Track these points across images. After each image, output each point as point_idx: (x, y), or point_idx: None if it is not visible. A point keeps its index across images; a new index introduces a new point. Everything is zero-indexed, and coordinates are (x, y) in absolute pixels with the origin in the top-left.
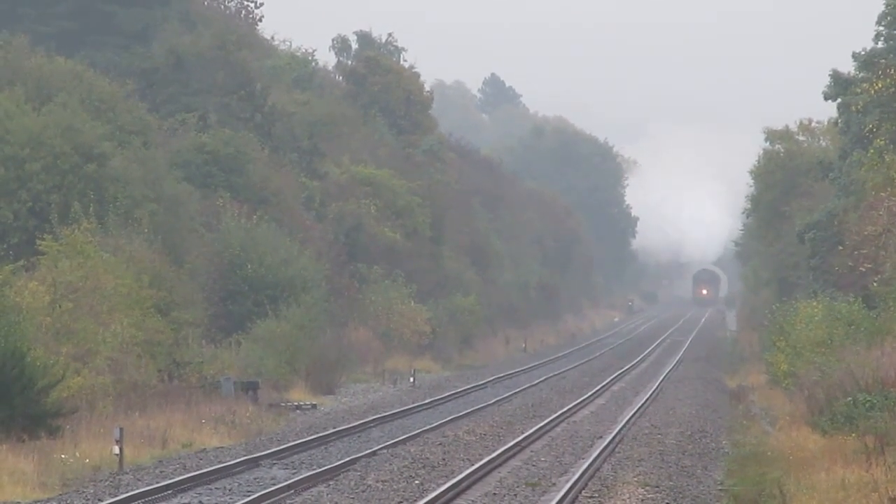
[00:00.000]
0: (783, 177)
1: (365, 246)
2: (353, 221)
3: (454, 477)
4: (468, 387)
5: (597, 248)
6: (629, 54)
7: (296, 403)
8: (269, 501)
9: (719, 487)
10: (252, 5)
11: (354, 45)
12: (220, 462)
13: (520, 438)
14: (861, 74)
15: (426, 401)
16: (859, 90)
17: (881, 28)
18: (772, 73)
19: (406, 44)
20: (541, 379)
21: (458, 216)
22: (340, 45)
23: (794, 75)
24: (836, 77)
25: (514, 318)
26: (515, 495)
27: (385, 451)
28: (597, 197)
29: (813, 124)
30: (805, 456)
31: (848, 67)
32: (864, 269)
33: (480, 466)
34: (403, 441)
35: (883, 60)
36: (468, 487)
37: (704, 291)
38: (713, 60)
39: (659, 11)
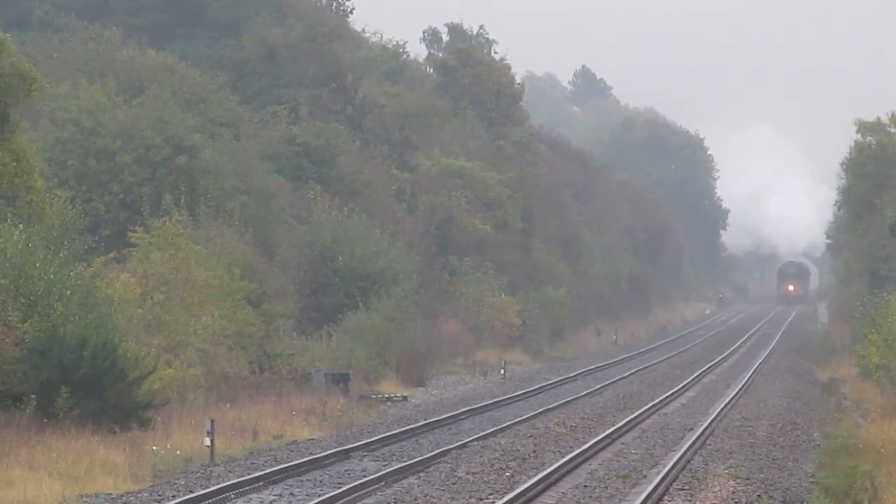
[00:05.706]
0: (875, 169)
1: (456, 238)
2: (443, 213)
3: (545, 469)
4: (559, 379)
5: (687, 240)
6: (714, 43)
7: (386, 395)
8: (359, 493)
9: (810, 480)
10: None
11: (445, 38)
12: (310, 454)
13: (610, 430)
14: None
15: (517, 393)
16: None
17: None
18: (858, 59)
19: (497, 36)
20: (631, 371)
21: (549, 208)
22: (431, 37)
23: (882, 56)
24: None
25: (604, 310)
26: (606, 487)
27: (476, 442)
28: (687, 189)
29: None
30: None
31: None
32: None
33: (571, 458)
34: (494, 433)
35: None
36: (559, 479)
37: (791, 287)
38: (798, 48)
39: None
